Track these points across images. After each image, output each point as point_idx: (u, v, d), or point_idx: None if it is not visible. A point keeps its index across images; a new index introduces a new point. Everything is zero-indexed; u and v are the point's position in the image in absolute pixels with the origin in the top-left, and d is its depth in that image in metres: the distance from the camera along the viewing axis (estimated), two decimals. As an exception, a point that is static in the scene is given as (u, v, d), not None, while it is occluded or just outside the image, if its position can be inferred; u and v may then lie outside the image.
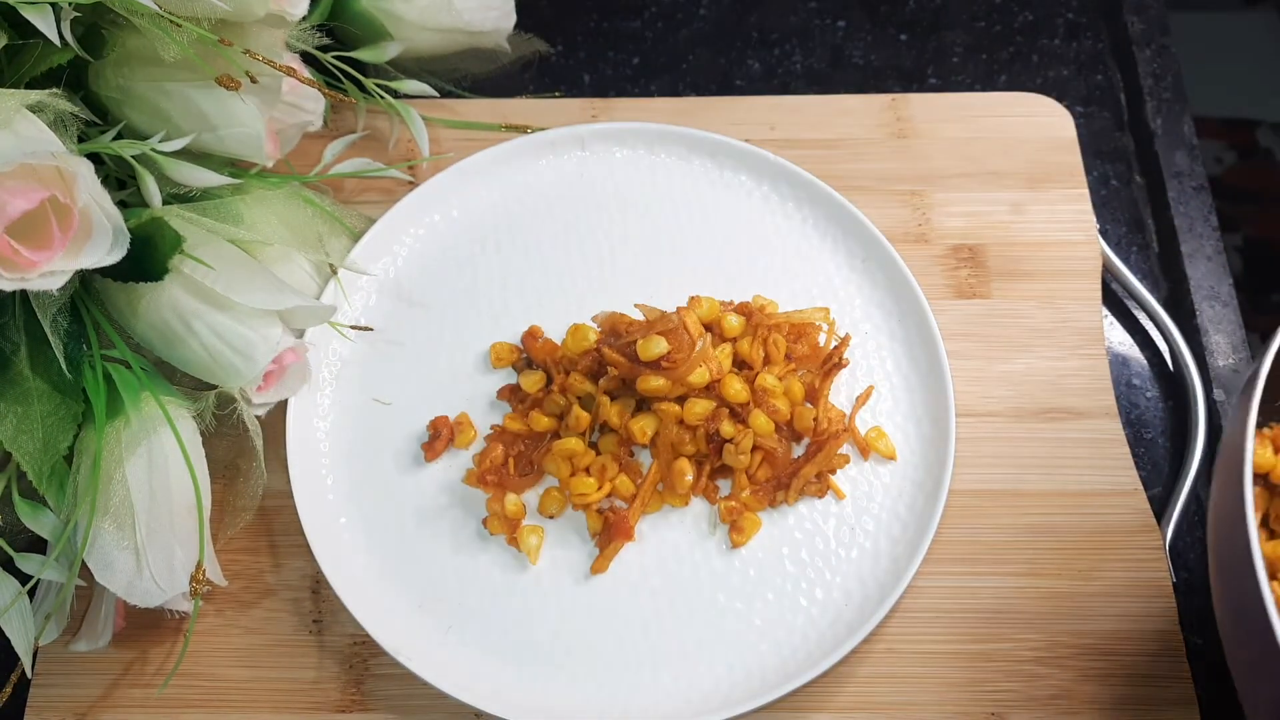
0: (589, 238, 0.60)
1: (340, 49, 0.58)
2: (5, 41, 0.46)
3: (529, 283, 0.59)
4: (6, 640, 0.45)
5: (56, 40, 0.45)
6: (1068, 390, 0.57)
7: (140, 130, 0.50)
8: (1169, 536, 0.53)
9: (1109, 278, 0.61)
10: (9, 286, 0.41)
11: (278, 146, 0.56)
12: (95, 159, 0.46)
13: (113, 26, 0.49)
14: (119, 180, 0.51)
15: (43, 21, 0.44)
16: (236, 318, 0.48)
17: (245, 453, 0.51)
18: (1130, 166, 0.67)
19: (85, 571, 0.45)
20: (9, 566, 0.45)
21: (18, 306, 0.47)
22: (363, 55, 0.59)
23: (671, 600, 0.51)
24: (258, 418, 0.50)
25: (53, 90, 0.45)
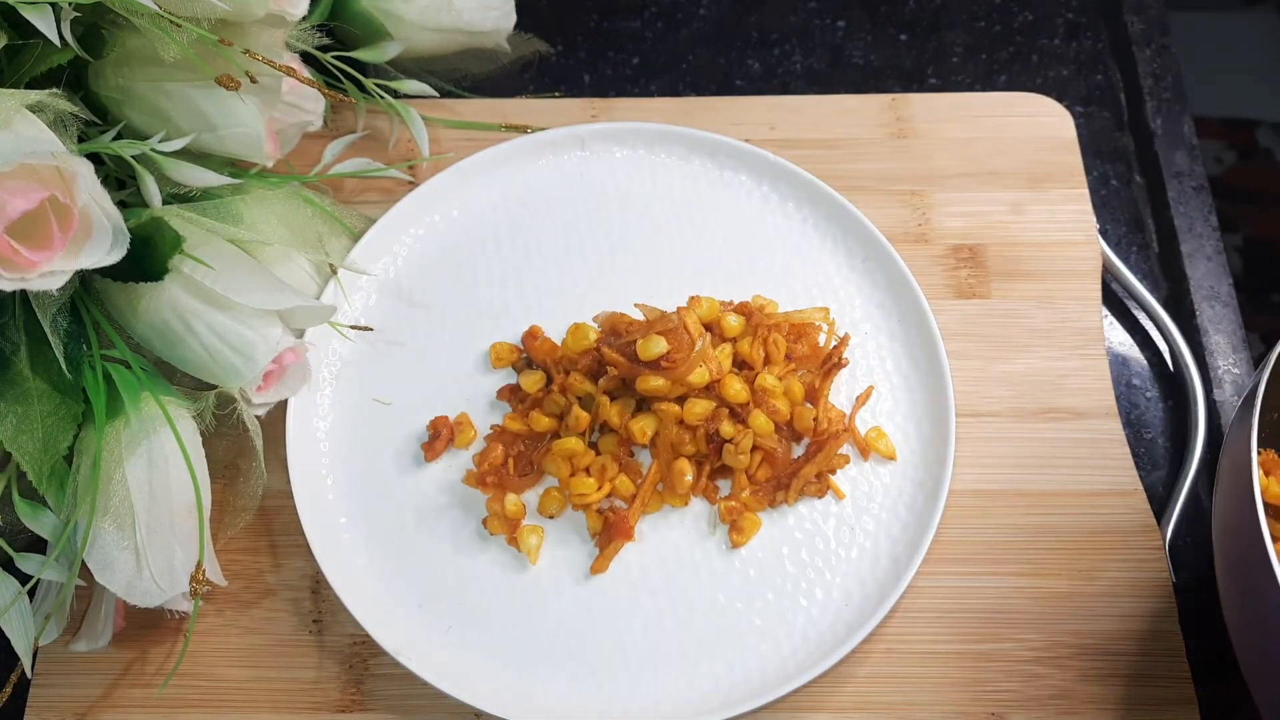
0: (589, 238, 0.60)
1: (340, 49, 0.58)
2: (5, 41, 0.46)
3: (529, 283, 0.59)
4: (6, 640, 0.45)
5: (56, 40, 0.45)
6: (1068, 390, 0.57)
7: (140, 130, 0.50)
8: (1169, 536, 0.53)
9: (1109, 278, 0.61)
10: (9, 286, 0.41)
11: (278, 146, 0.56)
12: (95, 159, 0.46)
13: (113, 26, 0.49)
14: (119, 180, 0.51)
15: (43, 21, 0.44)
16: (236, 318, 0.48)
17: (245, 453, 0.51)
18: (1130, 166, 0.67)
19: (85, 571, 0.45)
20: (9, 566, 0.45)
21: (18, 306, 0.47)
22: (363, 55, 0.59)
23: (671, 600, 0.51)
24: (258, 418, 0.50)
25: (53, 90, 0.45)
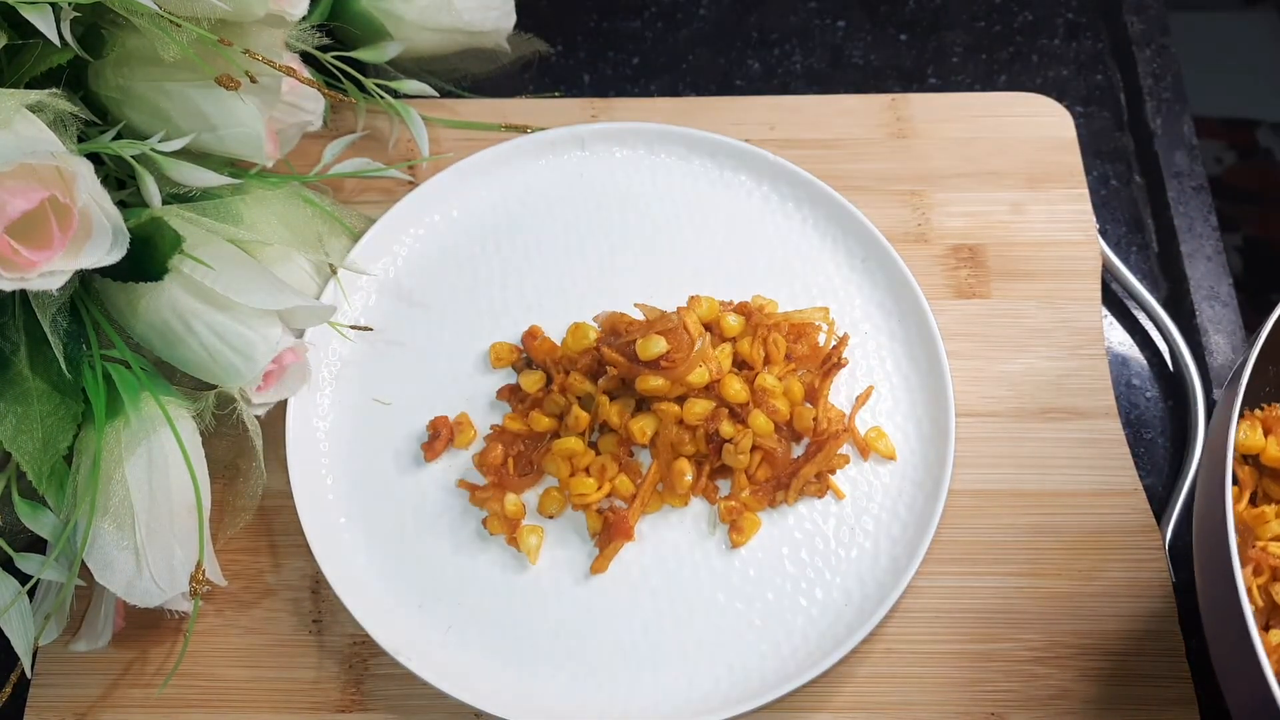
0: (589, 238, 0.60)
1: (340, 49, 0.58)
2: (5, 41, 0.46)
3: (529, 283, 0.59)
4: (6, 640, 0.45)
5: (56, 40, 0.45)
6: (1068, 390, 0.57)
7: (140, 130, 0.50)
8: (1169, 536, 0.53)
9: (1109, 278, 0.61)
10: (9, 286, 0.41)
11: (278, 146, 0.56)
12: (95, 159, 0.46)
13: (113, 26, 0.49)
14: (119, 180, 0.51)
15: (43, 21, 0.44)
16: (236, 318, 0.48)
17: (245, 453, 0.51)
18: (1130, 166, 0.67)
19: (85, 571, 0.45)
20: (9, 566, 0.45)
21: (18, 306, 0.47)
22: (363, 55, 0.59)
23: (671, 600, 0.51)
24: (257, 418, 0.50)
25: (53, 90, 0.45)
